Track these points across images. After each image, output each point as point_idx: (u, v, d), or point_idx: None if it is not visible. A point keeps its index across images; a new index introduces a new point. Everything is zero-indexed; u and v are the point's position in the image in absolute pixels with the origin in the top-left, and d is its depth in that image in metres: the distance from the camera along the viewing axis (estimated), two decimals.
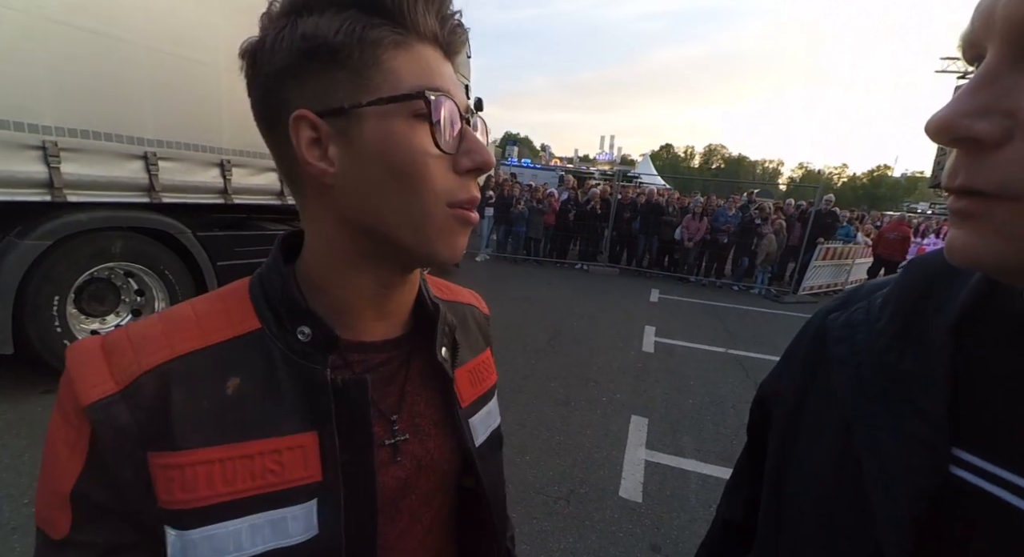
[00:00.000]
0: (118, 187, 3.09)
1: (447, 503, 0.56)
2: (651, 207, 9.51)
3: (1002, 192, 0.27)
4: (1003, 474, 0.32)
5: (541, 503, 2.51)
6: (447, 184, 0.42)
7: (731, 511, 0.63)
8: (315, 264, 0.46)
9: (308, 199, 0.44)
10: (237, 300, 0.46)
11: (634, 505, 2.57)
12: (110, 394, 0.38)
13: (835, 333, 0.45)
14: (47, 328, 2.92)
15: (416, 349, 0.52)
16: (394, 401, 0.50)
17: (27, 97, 2.61)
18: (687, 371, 4.59)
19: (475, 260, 9.48)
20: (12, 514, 2.08)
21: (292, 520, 0.41)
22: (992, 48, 0.27)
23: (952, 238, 0.31)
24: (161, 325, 0.42)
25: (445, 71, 0.42)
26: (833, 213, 9.13)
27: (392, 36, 0.39)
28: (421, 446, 0.51)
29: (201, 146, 3.50)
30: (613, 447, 3.13)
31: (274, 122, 0.41)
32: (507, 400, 3.61)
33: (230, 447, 0.40)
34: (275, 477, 0.41)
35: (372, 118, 0.39)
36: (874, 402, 0.39)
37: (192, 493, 0.38)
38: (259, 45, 0.41)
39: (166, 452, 0.38)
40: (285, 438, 0.42)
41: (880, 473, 0.36)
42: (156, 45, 3.12)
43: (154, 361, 0.40)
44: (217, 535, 0.39)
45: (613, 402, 3.80)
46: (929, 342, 0.38)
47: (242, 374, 0.42)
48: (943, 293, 0.40)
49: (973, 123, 0.27)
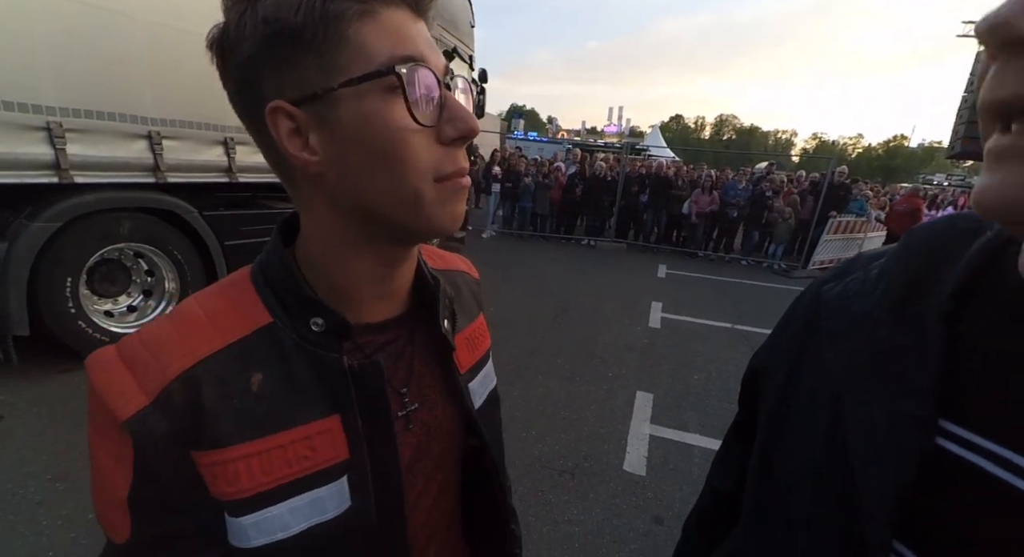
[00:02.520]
0: (124, 167, 3.09)
1: (455, 464, 0.59)
2: (659, 180, 9.37)
3: None
4: (986, 444, 0.32)
5: (546, 476, 2.57)
6: (433, 158, 0.41)
7: (721, 480, 0.64)
8: (315, 250, 0.46)
9: (299, 188, 0.44)
10: (243, 294, 0.46)
11: (638, 478, 2.62)
12: (144, 407, 0.39)
13: (830, 305, 0.44)
14: (61, 309, 2.98)
15: (419, 324, 0.54)
16: (403, 375, 0.52)
17: (30, 77, 2.59)
18: (693, 347, 4.61)
19: (481, 237, 9.46)
20: (37, 489, 2.17)
21: (328, 498, 0.44)
22: None
23: (985, 185, 0.27)
24: (175, 329, 0.43)
25: (417, 33, 0.40)
26: (846, 185, 8.94)
27: (355, 6, 0.37)
28: (429, 413, 0.53)
29: (204, 124, 3.47)
30: (618, 422, 3.17)
31: (254, 116, 0.40)
32: (513, 376, 3.67)
33: (264, 440, 0.42)
34: (309, 462, 0.43)
35: (346, 100, 0.38)
36: (865, 376, 0.38)
37: (236, 485, 0.41)
38: (223, 34, 0.39)
39: (207, 451, 0.40)
40: (313, 424, 0.44)
41: (867, 446, 0.36)
42: (155, 19, 3.07)
43: (178, 368, 0.40)
44: (265, 519, 0.42)
45: (619, 378, 3.83)
46: (924, 316, 0.37)
47: (263, 369, 0.43)
48: (940, 267, 0.39)
49: None
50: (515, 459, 2.66)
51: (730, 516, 0.58)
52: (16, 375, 2.98)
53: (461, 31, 6.23)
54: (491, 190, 9.73)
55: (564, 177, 9.75)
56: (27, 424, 2.60)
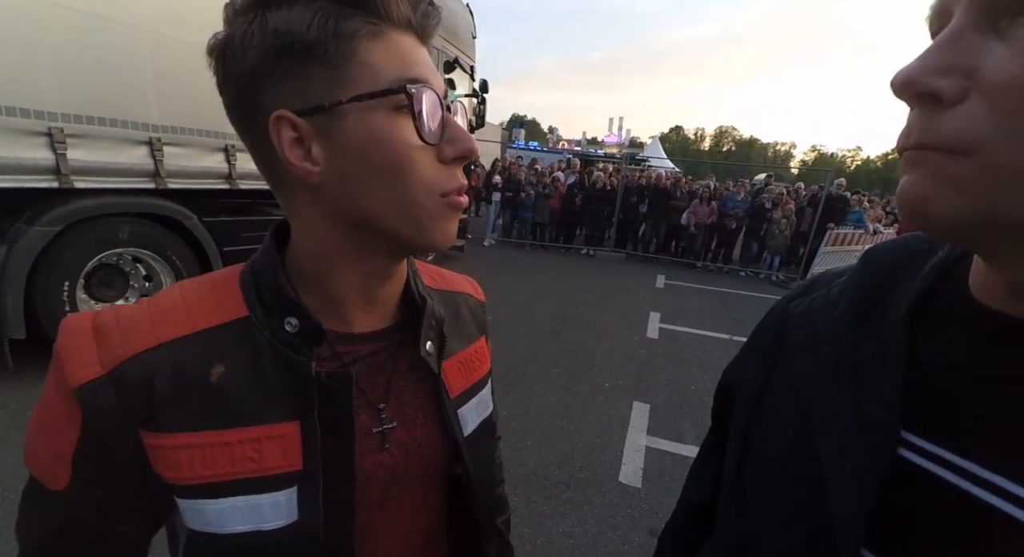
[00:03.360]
0: (124, 173, 3.10)
1: (437, 488, 0.57)
2: (659, 191, 9.41)
3: (955, 146, 0.28)
4: (946, 455, 0.34)
5: (541, 487, 2.55)
6: (434, 175, 0.42)
7: (697, 491, 0.64)
8: (306, 257, 0.47)
9: (295, 197, 0.44)
10: (227, 287, 0.46)
11: (633, 490, 2.61)
12: (96, 377, 0.39)
13: (795, 320, 0.47)
14: (58, 313, 2.96)
15: (404, 340, 0.53)
16: (381, 390, 0.51)
17: (32, 83, 2.61)
18: (691, 357, 4.60)
19: (482, 245, 9.48)
20: None
21: (271, 506, 0.43)
22: (958, 11, 0.28)
23: (904, 184, 0.31)
24: (149, 311, 0.43)
25: (422, 58, 0.42)
26: (844, 198, 8.99)
27: (366, 27, 0.38)
28: (408, 434, 0.52)
29: (205, 131, 3.49)
30: (614, 433, 3.16)
31: (252, 124, 0.41)
32: (510, 385, 3.65)
33: (210, 434, 0.41)
34: (253, 464, 0.42)
35: (353, 114, 0.39)
36: (831, 387, 0.40)
37: (176, 471, 0.41)
38: (227, 43, 0.40)
39: (152, 433, 0.41)
40: (266, 427, 0.43)
41: (836, 456, 0.37)
42: (158, 28, 3.10)
43: (138, 347, 0.41)
44: (201, 509, 0.42)
45: (616, 388, 3.82)
46: (884, 329, 0.39)
47: (227, 361, 0.43)
48: (898, 282, 0.41)
49: (935, 79, 0.28)
50: (510, 469, 2.63)
51: (705, 528, 0.59)
52: (10, 379, 2.96)
53: (463, 42, 6.30)
54: (491, 199, 9.77)
55: (564, 187, 9.79)
56: (20, 428, 2.58)
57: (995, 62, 0.27)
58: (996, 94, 0.26)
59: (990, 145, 0.27)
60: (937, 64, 0.28)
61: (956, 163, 0.28)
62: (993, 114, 0.27)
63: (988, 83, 0.27)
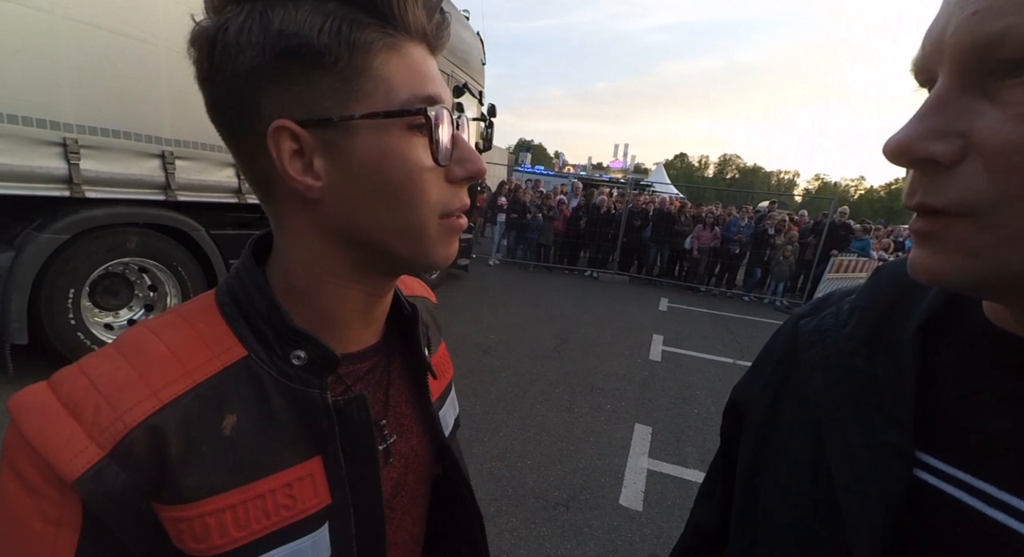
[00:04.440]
0: (135, 184, 3.16)
1: (425, 493, 0.57)
2: (663, 215, 9.47)
3: (957, 209, 0.28)
4: (962, 476, 0.33)
5: (540, 508, 2.49)
6: (441, 195, 0.41)
7: (703, 517, 0.63)
8: (299, 276, 0.43)
9: (287, 211, 0.41)
10: (209, 323, 0.41)
11: (634, 514, 2.54)
12: (97, 460, 0.33)
13: (806, 338, 0.46)
14: (61, 320, 2.98)
15: (395, 351, 0.53)
16: (381, 406, 0.50)
17: (49, 95, 2.68)
18: (694, 381, 4.55)
19: (488, 264, 9.51)
20: None
21: (309, 549, 0.41)
22: (943, 74, 0.28)
23: (914, 257, 0.31)
24: (131, 366, 0.37)
25: (435, 72, 0.40)
26: (847, 226, 9.01)
27: (383, 38, 0.36)
28: (406, 444, 0.52)
29: (217, 146, 3.55)
30: (615, 455, 3.10)
31: (241, 128, 0.38)
32: (511, 404, 3.61)
33: (240, 491, 0.37)
34: (288, 511, 0.39)
35: (365, 131, 0.36)
36: (844, 406, 0.39)
37: (207, 542, 0.36)
38: (216, 35, 0.35)
39: (169, 506, 0.35)
40: (293, 469, 0.40)
41: (850, 477, 0.36)
42: (176, 47, 3.19)
43: (140, 414, 0.35)
44: None
45: (617, 410, 3.77)
46: (896, 348, 0.38)
47: (237, 410, 0.38)
48: (909, 300, 0.40)
49: (929, 145, 0.28)
50: (509, 489, 2.60)
51: (713, 554, 0.57)
52: (10, 385, 2.95)
53: (472, 68, 6.46)
54: (496, 220, 9.84)
55: (568, 210, 9.86)
56: None
57: (988, 125, 0.26)
58: (994, 157, 0.26)
59: (994, 206, 0.27)
60: (929, 128, 0.28)
61: (961, 226, 0.28)
62: (993, 176, 0.26)
63: (984, 146, 0.26)
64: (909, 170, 0.31)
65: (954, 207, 0.28)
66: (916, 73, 0.32)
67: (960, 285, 0.30)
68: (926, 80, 0.30)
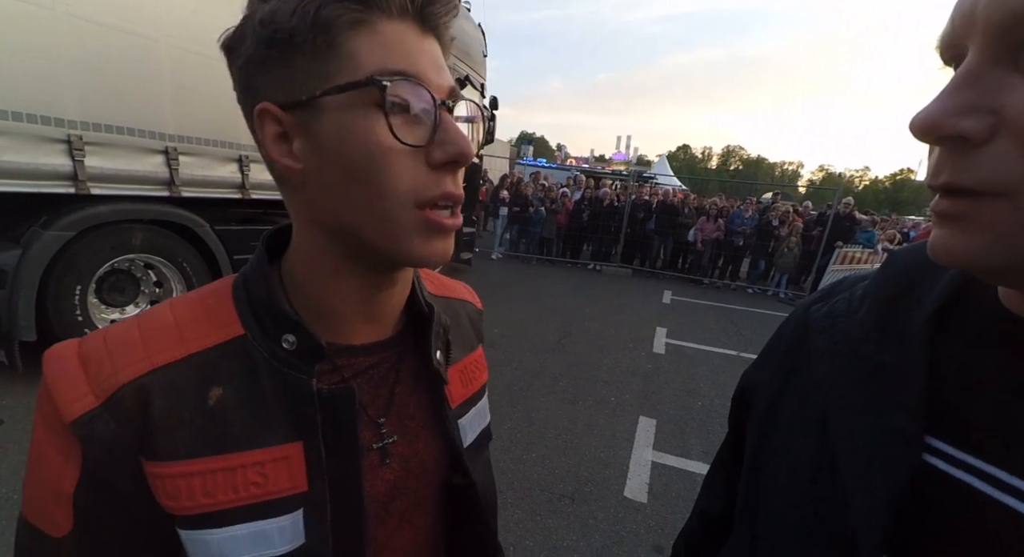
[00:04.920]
0: (139, 181, 3.16)
1: (436, 502, 0.55)
2: (666, 207, 9.44)
3: (988, 188, 0.27)
4: (972, 461, 0.33)
5: (546, 501, 2.51)
6: (416, 181, 0.38)
7: (709, 502, 0.63)
8: (299, 264, 0.44)
9: (290, 199, 0.42)
10: (220, 303, 0.44)
11: (639, 505, 2.56)
12: (91, 408, 0.37)
13: (816, 324, 0.46)
14: (69, 316, 3.00)
15: (407, 350, 0.51)
16: (383, 403, 0.49)
17: (53, 92, 2.68)
18: (698, 373, 4.56)
19: (490, 258, 9.52)
20: None
21: (278, 531, 0.41)
22: (973, 48, 0.27)
23: (935, 238, 0.31)
24: (139, 331, 0.41)
25: (419, 49, 0.38)
26: (852, 217, 8.97)
27: (348, 15, 0.35)
28: (410, 448, 0.50)
29: (220, 141, 3.56)
30: (620, 447, 3.12)
31: (249, 116, 0.40)
32: (515, 397, 3.63)
33: (210, 460, 0.39)
34: (258, 489, 0.40)
35: (330, 110, 0.36)
36: (852, 392, 0.39)
37: (176, 501, 0.39)
38: (232, 37, 0.39)
39: (151, 461, 0.38)
40: (270, 449, 0.41)
41: (856, 462, 0.36)
42: (179, 43, 3.18)
43: (132, 373, 0.38)
44: (204, 540, 0.39)
45: (621, 402, 3.79)
46: (907, 334, 0.38)
47: (225, 383, 0.40)
48: (922, 286, 0.40)
49: (959, 121, 0.27)
50: (514, 482, 2.62)
51: (718, 539, 0.58)
52: (19, 381, 2.99)
53: (474, 60, 6.42)
54: (499, 213, 9.83)
55: (571, 202, 9.85)
56: (26, 429, 2.59)
57: (1021, 100, 0.25)
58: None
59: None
60: (959, 104, 0.27)
61: (991, 206, 0.27)
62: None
63: (1017, 123, 0.25)
64: (933, 150, 0.30)
65: (985, 186, 0.27)
66: (943, 49, 0.30)
67: (984, 268, 0.29)
68: (952, 57, 0.29)
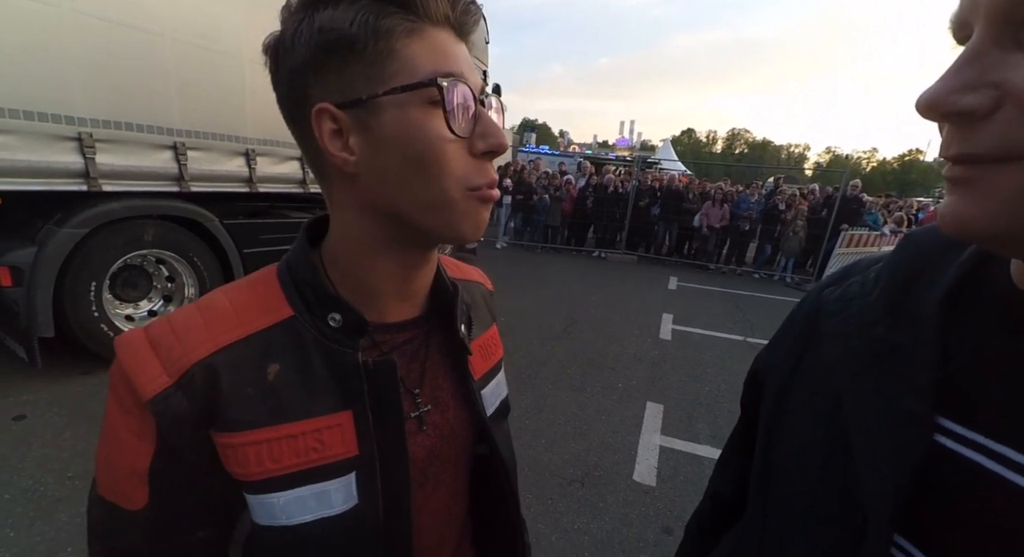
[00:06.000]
0: (150, 177, 3.20)
1: (465, 469, 0.60)
2: (671, 193, 9.40)
3: (998, 154, 0.28)
4: (982, 441, 0.33)
5: (556, 485, 2.57)
6: (465, 168, 0.43)
7: (722, 484, 0.65)
8: (343, 250, 0.48)
9: (334, 187, 0.46)
10: (268, 288, 0.48)
11: (647, 488, 2.61)
12: (166, 387, 0.41)
13: (829, 307, 0.46)
14: (85, 312, 3.06)
15: (435, 327, 0.56)
16: (416, 376, 0.54)
17: (62, 90, 2.71)
18: (704, 359, 4.59)
19: (494, 247, 9.53)
20: (57, 487, 2.22)
21: (335, 492, 0.46)
22: (977, 28, 0.28)
23: (945, 205, 0.31)
24: (201, 317, 0.45)
25: (459, 53, 0.43)
26: (859, 199, 8.89)
27: (404, 24, 0.40)
28: (441, 416, 0.55)
29: (227, 136, 3.59)
30: (628, 432, 3.17)
31: (299, 116, 0.43)
32: (523, 385, 3.68)
33: (274, 429, 0.44)
34: (317, 454, 0.45)
35: (389, 107, 0.40)
36: (864, 374, 0.40)
37: (245, 468, 0.43)
38: (280, 41, 0.42)
39: (221, 433, 0.43)
40: (324, 418, 0.45)
41: (867, 443, 0.37)
42: (184, 38, 3.20)
43: (201, 353, 0.43)
44: (270, 503, 0.44)
45: (629, 388, 3.83)
46: (919, 316, 0.39)
47: (280, 360, 0.45)
48: (935, 268, 0.40)
49: (961, 97, 0.28)
50: (525, 467, 2.67)
51: (730, 520, 0.59)
52: (39, 377, 3.06)
53: (477, 47, 6.38)
54: (502, 202, 9.82)
55: (575, 190, 9.82)
56: (48, 423, 2.67)
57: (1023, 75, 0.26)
58: None
59: None
60: (961, 82, 0.28)
61: (1000, 172, 0.28)
62: None
63: (1020, 94, 0.26)
64: (943, 125, 0.31)
65: (997, 152, 0.28)
66: (954, 29, 0.31)
67: (992, 235, 0.30)
68: (963, 36, 0.30)
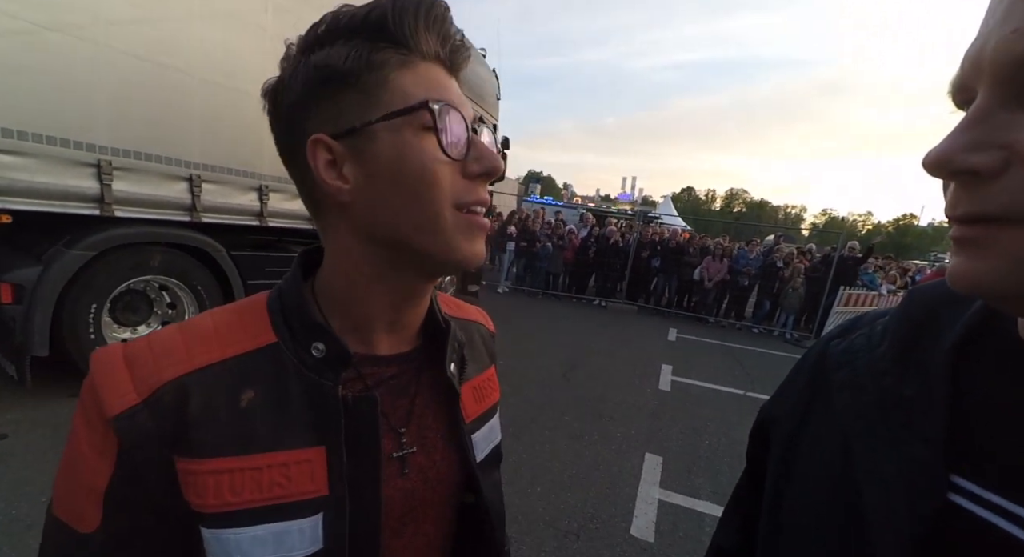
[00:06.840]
0: (163, 205, 3.27)
1: (449, 518, 0.57)
2: (672, 247, 9.55)
3: (1007, 215, 0.28)
4: (996, 500, 0.32)
5: (551, 536, 2.46)
6: (455, 186, 0.43)
7: (726, 538, 0.62)
8: (336, 280, 0.48)
9: (329, 218, 0.46)
10: (255, 314, 0.47)
11: (645, 544, 2.50)
12: (133, 405, 0.39)
13: (836, 359, 0.46)
14: (82, 333, 3.04)
15: (426, 363, 0.54)
16: (403, 414, 0.51)
17: (87, 118, 2.81)
18: (704, 411, 4.50)
19: (497, 291, 9.56)
20: (29, 510, 2.13)
21: (297, 533, 0.42)
22: (982, 91, 0.29)
23: (955, 265, 0.31)
24: (182, 336, 0.44)
25: (450, 86, 0.44)
26: (856, 259, 9.02)
27: (397, 57, 0.41)
28: (427, 459, 0.52)
29: (242, 171, 3.70)
30: (626, 484, 3.06)
31: (295, 150, 0.44)
32: (520, 431, 3.59)
33: (239, 459, 0.41)
34: (281, 490, 0.42)
35: (383, 133, 0.41)
36: (874, 426, 0.39)
37: (202, 499, 0.40)
38: (278, 83, 0.44)
39: (184, 458, 0.40)
40: (294, 452, 0.43)
41: (879, 497, 0.36)
42: (210, 77, 3.36)
43: (173, 373, 0.41)
44: (225, 539, 0.41)
45: (628, 439, 3.73)
46: (928, 367, 0.38)
47: (257, 387, 0.43)
48: (943, 320, 0.40)
49: (969, 156, 0.28)
50: (519, 516, 2.57)
51: None
52: (26, 396, 3.00)
53: (488, 103, 6.71)
54: (506, 247, 9.96)
55: (578, 239, 9.98)
56: (29, 445, 2.59)
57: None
58: None
59: None
60: (970, 141, 0.28)
61: (1008, 233, 0.28)
62: None
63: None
64: (948, 185, 0.32)
65: (1002, 213, 0.28)
66: (954, 94, 0.32)
67: (1001, 294, 0.29)
68: (963, 101, 0.31)
